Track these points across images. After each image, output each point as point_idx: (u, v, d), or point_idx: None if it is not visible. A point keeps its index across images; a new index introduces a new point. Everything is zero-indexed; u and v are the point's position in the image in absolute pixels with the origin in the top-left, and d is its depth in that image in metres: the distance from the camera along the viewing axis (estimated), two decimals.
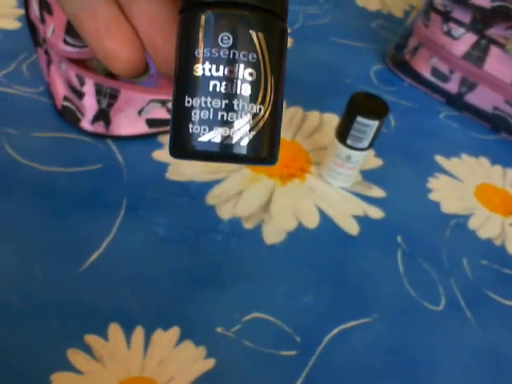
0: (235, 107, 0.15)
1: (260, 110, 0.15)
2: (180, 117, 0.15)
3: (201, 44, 0.15)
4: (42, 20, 0.42)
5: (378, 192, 0.48)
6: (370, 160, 0.51)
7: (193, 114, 0.15)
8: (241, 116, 0.15)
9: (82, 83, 0.42)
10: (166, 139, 0.47)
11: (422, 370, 0.36)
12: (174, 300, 0.36)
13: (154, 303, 0.35)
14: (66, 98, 0.44)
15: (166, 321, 0.35)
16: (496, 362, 0.38)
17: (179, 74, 0.16)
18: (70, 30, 0.40)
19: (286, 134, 0.51)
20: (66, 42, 0.40)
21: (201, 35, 0.15)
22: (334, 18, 0.72)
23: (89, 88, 0.42)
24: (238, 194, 0.44)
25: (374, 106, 0.42)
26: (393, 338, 0.37)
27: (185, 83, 0.15)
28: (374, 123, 0.41)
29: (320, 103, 0.56)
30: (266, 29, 0.15)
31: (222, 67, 0.15)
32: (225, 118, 0.15)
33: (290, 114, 0.54)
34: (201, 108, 0.15)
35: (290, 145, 0.50)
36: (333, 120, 0.54)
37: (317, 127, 0.53)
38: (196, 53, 0.15)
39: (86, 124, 0.44)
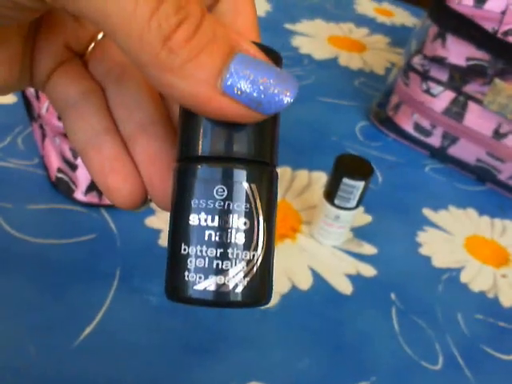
0: (229, 256, 0.16)
1: (253, 256, 0.16)
2: (176, 263, 0.16)
3: (196, 195, 0.16)
4: (37, 97, 0.44)
5: (369, 249, 0.49)
6: (360, 217, 0.52)
7: (188, 261, 0.16)
8: (235, 264, 0.16)
9: (76, 156, 0.43)
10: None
11: None
12: (170, 371, 0.36)
13: (149, 375, 0.35)
14: (59, 170, 0.45)
15: None
16: None
17: (175, 220, 0.16)
18: None
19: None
20: (59, 118, 0.42)
21: (196, 187, 0.16)
22: (318, 78, 0.75)
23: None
24: None
25: (358, 167, 0.43)
26: None
27: (181, 231, 0.16)
28: (360, 184, 0.43)
29: (308, 162, 0.58)
30: (258, 180, 0.16)
31: (216, 218, 0.15)
32: (220, 267, 0.16)
33: (279, 174, 0.55)
34: (196, 256, 0.16)
35: (280, 205, 0.51)
36: (321, 178, 0.56)
37: (306, 186, 0.54)
38: (192, 203, 0.16)
39: (79, 195, 0.45)
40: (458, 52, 0.57)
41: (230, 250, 0.16)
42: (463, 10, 0.54)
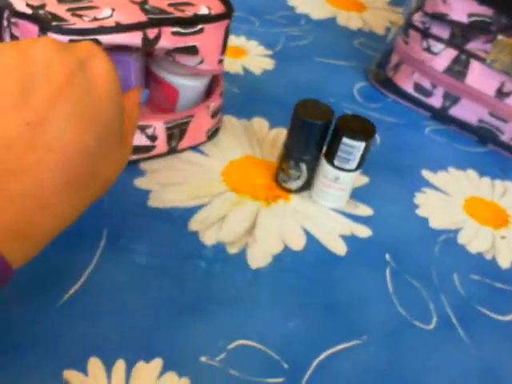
0: None
1: None
2: None
3: None
4: None
5: (364, 210, 0.48)
6: (356, 178, 0.51)
7: None
8: None
9: None
10: (147, 166, 0.46)
11: None
12: (156, 330, 0.35)
13: (136, 335, 0.35)
14: None
15: (147, 352, 0.34)
16: (491, 380, 0.37)
17: None
18: None
19: (269, 155, 0.51)
20: None
21: None
22: (316, 39, 0.72)
23: None
24: (221, 218, 0.44)
25: (360, 127, 0.42)
26: (383, 360, 0.36)
27: None
28: (361, 144, 0.41)
29: None
30: None
31: None
32: None
33: (274, 136, 0.54)
34: None
35: (275, 166, 0.50)
36: None
37: None
38: None
39: None
40: (460, 8, 0.54)
41: None
42: None
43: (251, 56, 0.66)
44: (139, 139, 0.44)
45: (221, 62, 0.46)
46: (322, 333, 0.37)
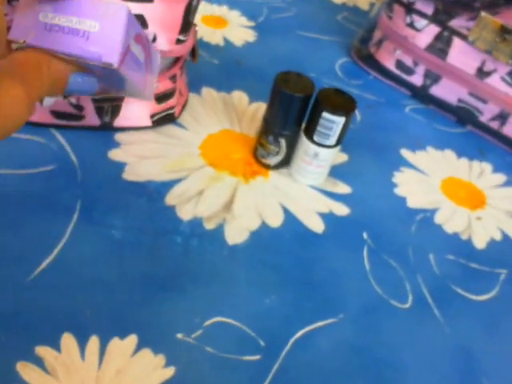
0: None
1: None
2: None
3: None
4: None
5: (343, 188, 0.47)
6: (336, 155, 0.50)
7: None
8: None
9: None
10: (122, 138, 0.45)
11: (390, 370, 0.35)
12: (131, 306, 0.34)
13: (110, 310, 0.34)
14: None
15: (122, 329, 0.33)
16: (465, 360, 0.37)
17: None
18: None
19: (249, 130, 0.50)
20: None
21: None
22: (299, 11, 0.71)
23: None
24: (199, 193, 0.43)
25: (340, 102, 0.41)
26: (359, 338, 0.36)
27: None
28: (341, 119, 0.40)
29: None
30: None
31: None
32: None
33: (254, 110, 0.53)
34: None
35: (254, 141, 0.49)
36: None
37: None
38: None
39: None
40: None
41: None
42: None
43: (232, 26, 0.64)
44: (63, 106, 0.42)
45: (179, 42, 0.41)
46: (299, 310, 0.37)
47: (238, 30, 0.63)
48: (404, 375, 0.35)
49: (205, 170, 0.45)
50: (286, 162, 0.46)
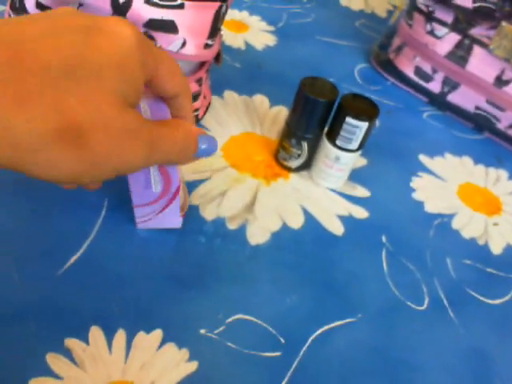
0: None
1: None
2: None
3: None
4: None
5: (362, 192, 0.48)
6: (356, 159, 0.51)
7: None
8: None
9: None
10: None
11: (406, 370, 0.36)
12: (157, 302, 0.35)
13: (136, 306, 0.35)
14: None
15: (148, 323, 0.34)
16: (478, 362, 0.38)
17: None
18: (15, 8, 0.39)
19: (270, 133, 0.51)
20: None
21: None
22: (318, 17, 0.72)
23: None
24: (221, 193, 0.44)
25: (363, 108, 0.42)
26: (377, 338, 0.37)
27: None
28: (364, 124, 0.41)
29: None
30: None
31: None
32: None
33: (275, 113, 0.54)
34: None
35: (275, 143, 0.50)
36: None
37: None
38: None
39: None
40: None
41: None
42: None
43: (253, 31, 0.65)
44: None
45: (207, 47, 0.42)
46: (318, 309, 0.38)
47: (258, 35, 0.64)
48: (419, 375, 0.36)
49: (227, 172, 0.46)
50: (306, 165, 0.47)
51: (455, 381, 0.36)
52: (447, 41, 0.57)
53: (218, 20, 0.41)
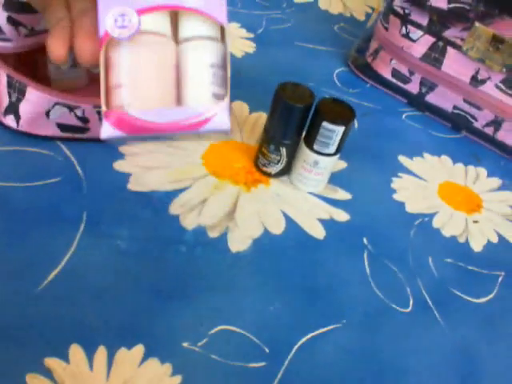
0: None
1: None
2: None
3: None
4: None
5: (343, 195, 0.48)
6: (335, 162, 0.51)
7: None
8: None
9: None
10: (127, 149, 0.46)
11: (393, 374, 0.36)
12: (138, 316, 0.35)
13: (117, 321, 0.34)
14: None
15: (129, 338, 0.34)
16: (465, 361, 0.38)
17: None
18: None
19: (249, 139, 0.51)
20: None
21: None
22: (297, 22, 0.72)
23: (2, 79, 0.41)
24: (202, 202, 0.43)
25: (339, 111, 0.42)
26: (362, 343, 0.37)
27: None
28: (340, 128, 0.41)
29: None
30: None
31: None
32: None
33: (254, 119, 0.53)
34: None
35: (254, 150, 0.50)
36: None
37: None
38: None
39: (0, 116, 0.43)
40: None
41: None
42: None
43: (232, 38, 0.65)
44: (69, 119, 0.43)
45: None
46: (303, 316, 0.38)
47: (237, 42, 0.64)
48: (407, 378, 0.36)
49: (207, 180, 0.45)
50: (286, 170, 0.47)
51: (443, 382, 0.36)
52: (422, 43, 0.57)
53: None
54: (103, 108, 0.25)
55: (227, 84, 0.26)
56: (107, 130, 0.25)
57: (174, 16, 0.27)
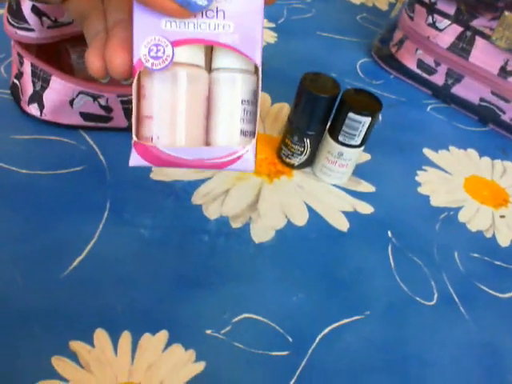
0: None
1: None
2: None
3: None
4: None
5: (367, 187, 0.48)
6: (359, 155, 0.50)
7: None
8: None
9: (22, 63, 0.42)
10: None
11: (416, 366, 0.35)
12: (162, 303, 0.35)
13: (141, 307, 0.35)
14: (16, 76, 0.44)
15: (153, 325, 0.34)
16: (489, 356, 0.37)
17: None
18: (12, 12, 0.39)
19: (272, 130, 0.51)
20: (8, 22, 0.39)
21: None
22: (319, 12, 0.71)
23: (26, 68, 0.41)
24: (224, 192, 0.43)
25: (366, 102, 0.41)
26: (386, 335, 0.37)
27: None
28: (366, 120, 0.41)
29: None
30: None
31: None
32: None
33: (277, 110, 0.53)
34: None
35: (277, 141, 0.49)
36: None
37: None
38: None
39: (24, 104, 0.44)
40: None
41: None
42: None
43: None
44: (92, 107, 0.43)
45: None
46: (326, 307, 0.37)
47: None
48: (430, 371, 0.35)
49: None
50: (309, 162, 0.47)
51: (467, 376, 0.36)
52: (449, 33, 0.56)
53: None
54: (133, 137, 0.25)
55: (256, 120, 0.26)
56: (135, 160, 0.26)
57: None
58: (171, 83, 0.24)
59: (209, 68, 0.26)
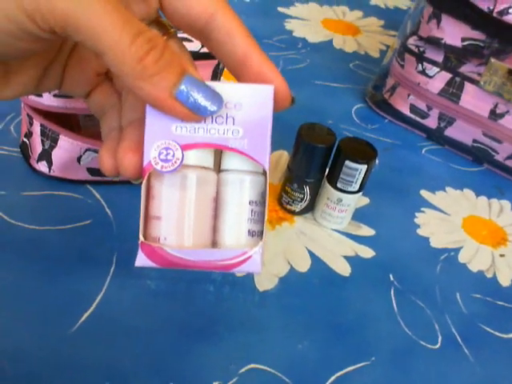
0: None
1: None
2: None
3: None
4: None
5: (367, 231, 0.49)
6: (358, 200, 0.52)
7: None
8: None
9: (31, 123, 0.44)
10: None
11: None
12: (168, 355, 0.35)
13: (148, 360, 0.35)
14: (25, 135, 0.46)
15: (160, 378, 0.34)
16: None
17: None
18: None
19: (272, 177, 0.52)
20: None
21: None
22: (313, 62, 0.74)
23: (36, 128, 0.43)
24: None
25: (361, 150, 0.43)
26: (392, 381, 0.37)
27: None
28: (363, 167, 0.42)
29: None
30: None
31: None
32: None
33: (276, 158, 0.55)
34: None
35: (278, 188, 0.51)
36: None
37: None
38: None
39: (33, 162, 0.46)
40: (454, 32, 0.56)
41: None
42: None
43: None
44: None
45: None
46: (331, 354, 0.38)
47: None
48: None
49: None
50: (310, 208, 0.48)
51: None
52: (439, 79, 0.58)
53: (216, 76, 0.42)
54: (140, 237, 0.26)
55: (264, 220, 0.26)
56: (141, 260, 0.26)
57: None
58: (180, 185, 0.25)
59: (217, 168, 0.26)
